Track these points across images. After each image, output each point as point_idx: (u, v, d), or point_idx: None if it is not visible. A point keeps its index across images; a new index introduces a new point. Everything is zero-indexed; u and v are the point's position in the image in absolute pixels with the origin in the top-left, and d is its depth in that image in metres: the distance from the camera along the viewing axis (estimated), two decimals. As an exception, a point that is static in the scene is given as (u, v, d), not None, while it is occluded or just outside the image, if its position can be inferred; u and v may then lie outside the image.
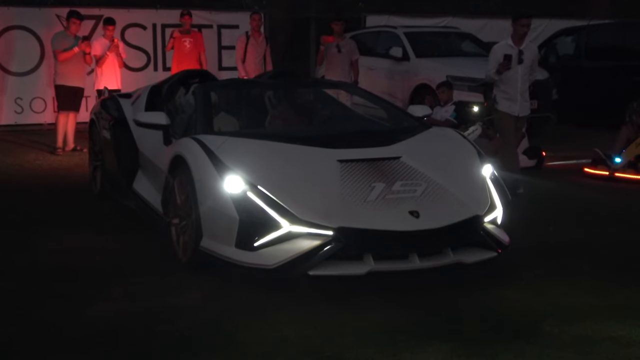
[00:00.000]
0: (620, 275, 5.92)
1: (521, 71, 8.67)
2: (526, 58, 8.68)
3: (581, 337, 4.66)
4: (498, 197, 6.02)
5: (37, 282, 5.76)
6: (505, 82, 8.68)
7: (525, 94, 8.79)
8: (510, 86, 8.67)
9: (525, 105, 8.83)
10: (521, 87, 8.70)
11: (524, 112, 8.87)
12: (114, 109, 8.27)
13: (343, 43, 12.14)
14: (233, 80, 10.37)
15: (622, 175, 9.69)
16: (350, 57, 12.26)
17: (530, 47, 8.91)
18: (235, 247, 5.49)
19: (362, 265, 5.35)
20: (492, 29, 17.16)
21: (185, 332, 4.74)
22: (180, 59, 12.90)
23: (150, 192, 7.16)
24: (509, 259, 6.07)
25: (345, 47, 12.14)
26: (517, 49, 8.67)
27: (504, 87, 8.71)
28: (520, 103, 8.74)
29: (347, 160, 5.89)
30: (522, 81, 8.70)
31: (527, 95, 8.85)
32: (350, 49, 12.26)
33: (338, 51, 12.07)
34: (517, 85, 8.67)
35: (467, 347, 4.51)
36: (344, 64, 12.16)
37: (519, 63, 8.64)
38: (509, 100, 8.73)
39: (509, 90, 8.69)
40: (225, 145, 5.98)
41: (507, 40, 8.82)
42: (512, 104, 8.73)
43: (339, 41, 12.13)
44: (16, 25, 13.97)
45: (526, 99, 8.83)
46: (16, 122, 14.05)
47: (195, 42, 13.18)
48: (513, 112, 8.75)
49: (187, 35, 13.07)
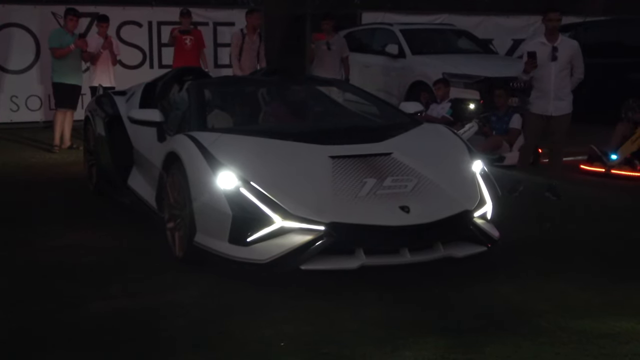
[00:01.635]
0: (617, 271, 5.96)
1: (555, 68, 8.15)
2: (561, 55, 8.16)
3: (579, 334, 4.68)
4: (488, 192, 6.07)
5: (35, 279, 5.79)
6: (539, 80, 8.23)
7: (561, 92, 8.22)
8: (543, 84, 8.22)
9: (559, 104, 8.24)
10: (555, 85, 8.17)
11: (559, 112, 8.26)
12: (109, 106, 8.30)
13: (333, 40, 12.27)
14: (226, 77, 10.40)
15: (618, 172, 9.72)
16: (340, 54, 12.40)
17: (567, 43, 8.33)
18: (229, 242, 5.54)
19: (354, 260, 5.40)
20: (488, 26, 17.22)
21: (183, 329, 4.77)
22: (181, 57, 12.91)
23: (144, 188, 7.19)
24: (505, 256, 6.12)
25: (335, 44, 12.28)
26: (551, 45, 8.19)
27: (538, 85, 8.26)
28: (554, 102, 8.21)
29: (339, 157, 5.93)
30: (556, 79, 8.17)
31: (565, 94, 8.28)
32: (340, 46, 12.39)
33: (328, 48, 12.22)
34: (551, 84, 8.16)
35: (464, 343, 4.55)
36: (334, 61, 12.31)
37: (552, 60, 8.14)
38: (541, 99, 8.27)
39: (542, 89, 8.24)
40: (218, 141, 6.02)
41: (540, 37, 8.42)
42: (545, 103, 8.25)
43: (329, 39, 12.26)
44: (11, 22, 13.92)
45: (561, 98, 8.24)
46: (12, 120, 14.02)
47: (196, 40, 13.22)
48: (545, 112, 8.27)
49: (188, 34, 13.10)
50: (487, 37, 16.38)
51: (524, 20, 17.78)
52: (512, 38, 17.34)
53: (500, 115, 11.15)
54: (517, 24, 17.63)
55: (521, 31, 17.44)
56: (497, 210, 6.08)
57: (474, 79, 12.79)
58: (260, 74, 9.04)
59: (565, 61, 8.20)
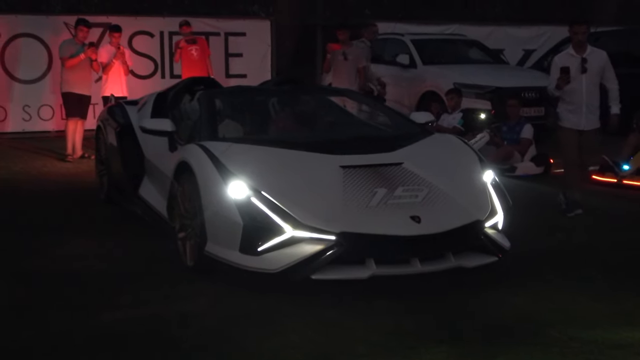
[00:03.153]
0: (629, 281, 5.93)
1: (586, 80, 7.91)
2: (591, 66, 7.91)
3: (590, 344, 4.67)
4: (499, 202, 6.07)
5: (45, 288, 5.80)
6: (570, 94, 7.94)
7: (592, 105, 7.98)
8: (574, 97, 7.94)
9: (591, 118, 8.00)
10: (587, 98, 7.93)
11: (591, 126, 8.01)
12: (120, 116, 8.34)
13: (349, 50, 12.18)
14: (237, 87, 10.42)
15: (630, 182, 9.67)
16: (356, 64, 12.28)
17: (596, 54, 8.05)
18: (240, 252, 5.56)
19: (364, 270, 5.40)
20: (499, 36, 17.21)
21: (192, 338, 4.77)
22: (189, 67, 12.98)
23: (155, 197, 7.20)
24: (516, 265, 6.11)
25: (352, 54, 12.17)
26: (580, 57, 7.95)
27: (568, 99, 7.98)
28: (586, 116, 7.96)
29: (349, 166, 5.94)
30: (587, 91, 7.92)
31: (596, 107, 8.04)
32: (356, 55, 12.27)
33: (344, 58, 12.11)
34: (582, 97, 7.92)
35: (475, 352, 4.54)
36: (351, 71, 12.17)
37: (583, 72, 7.88)
38: (572, 113, 7.99)
39: (573, 102, 7.96)
40: (229, 151, 6.04)
41: (569, 49, 8.15)
42: (577, 117, 7.98)
43: (345, 48, 12.18)
44: (24, 33, 14.02)
45: (593, 112, 8.00)
46: (24, 129, 14.10)
47: (202, 49, 13.28)
48: (577, 126, 8.00)
49: (193, 44, 13.14)
50: (498, 48, 16.39)
51: (535, 30, 17.78)
52: (523, 48, 17.34)
53: (511, 125, 11.13)
54: (528, 34, 17.63)
55: (532, 41, 17.45)
56: (508, 221, 6.07)
57: (485, 89, 12.78)
58: (271, 83, 9.07)
59: (595, 72, 7.97)
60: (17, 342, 4.76)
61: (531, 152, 10.98)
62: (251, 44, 15.71)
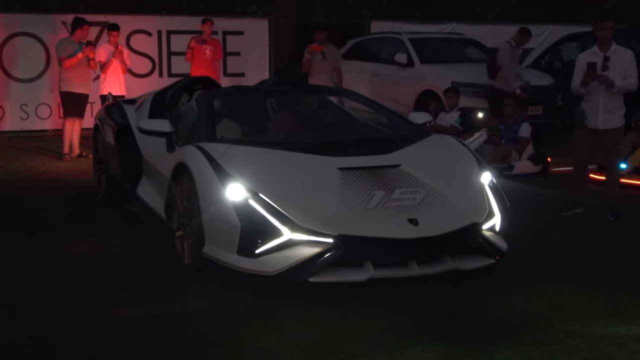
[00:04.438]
0: (626, 281, 5.95)
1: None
2: (613, 65, 7.76)
3: (588, 342, 4.69)
4: (496, 204, 6.07)
5: (44, 288, 5.80)
6: (588, 92, 7.84)
7: (611, 105, 7.84)
8: (592, 95, 7.83)
9: (609, 117, 7.85)
10: (604, 98, 7.80)
11: (608, 125, 7.87)
12: (118, 115, 8.33)
13: (327, 50, 12.83)
14: (235, 87, 10.42)
15: (628, 182, 9.66)
16: (333, 64, 12.97)
17: (620, 52, 7.88)
18: (237, 254, 5.56)
19: (362, 272, 5.41)
20: (497, 35, 17.11)
21: (191, 338, 4.78)
22: (200, 67, 12.98)
23: (153, 198, 7.20)
24: (514, 265, 6.13)
25: (330, 54, 12.85)
26: (603, 55, 7.81)
27: (587, 97, 7.88)
28: (603, 115, 7.83)
29: (347, 168, 5.94)
30: (605, 90, 7.77)
31: (616, 107, 7.89)
32: (333, 55, 12.99)
33: (323, 58, 12.75)
34: (600, 95, 7.79)
35: (473, 351, 4.55)
36: (329, 70, 12.87)
37: (603, 70, 7.72)
38: (590, 111, 7.88)
39: (591, 100, 7.86)
40: (227, 153, 6.04)
41: (594, 47, 7.96)
42: (594, 116, 7.86)
43: (324, 49, 12.79)
44: (21, 31, 13.99)
45: (612, 112, 7.86)
46: (22, 128, 14.09)
47: (215, 49, 13.32)
48: (595, 125, 7.89)
49: (207, 44, 13.17)
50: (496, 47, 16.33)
51: (533, 29, 17.71)
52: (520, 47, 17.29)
53: (509, 124, 11.15)
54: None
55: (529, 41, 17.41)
56: (505, 222, 6.08)
57: (482, 88, 12.78)
58: (269, 83, 9.06)
59: (617, 72, 7.78)
60: (16, 341, 4.76)
61: (529, 151, 10.99)
62: (249, 43, 15.71)
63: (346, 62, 15.36)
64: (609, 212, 8.08)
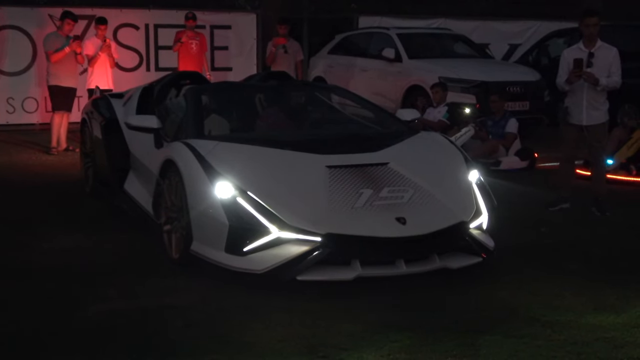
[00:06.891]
0: (612, 275, 5.99)
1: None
2: (597, 61, 7.78)
3: (575, 337, 4.72)
4: (484, 202, 6.09)
5: (31, 281, 5.79)
6: (572, 88, 7.87)
7: (594, 101, 7.85)
8: (576, 92, 7.86)
9: (593, 114, 7.87)
10: (588, 94, 7.81)
11: (592, 121, 7.89)
12: (106, 109, 8.30)
13: (289, 44, 13.23)
14: (224, 83, 10.41)
15: (614, 177, 9.71)
16: (295, 58, 13.35)
17: (605, 49, 7.90)
18: (225, 252, 5.57)
19: (350, 271, 5.42)
20: (485, 31, 17.25)
21: (181, 332, 4.79)
22: (187, 61, 13.01)
23: (141, 193, 7.19)
24: (501, 260, 6.15)
25: (291, 48, 13.26)
26: (587, 51, 7.83)
27: (571, 93, 7.91)
28: (587, 111, 7.85)
29: (335, 166, 5.94)
30: (589, 87, 7.78)
31: (600, 103, 7.91)
32: (295, 50, 13.40)
33: (285, 52, 13.17)
34: (583, 92, 7.81)
35: (461, 347, 4.57)
36: (290, 64, 13.21)
37: (587, 67, 7.73)
38: (574, 107, 7.90)
39: (575, 96, 7.88)
40: (215, 150, 6.03)
41: (579, 43, 7.98)
42: (578, 113, 7.88)
43: (285, 42, 13.22)
44: (8, 25, 13.92)
45: (596, 107, 7.88)
46: (8, 121, 14.03)
47: (201, 44, 13.34)
48: (579, 121, 7.91)
49: (194, 38, 13.19)
50: (484, 42, 16.41)
51: (520, 25, 17.84)
52: (508, 43, 17.39)
53: (496, 119, 11.18)
54: (514, 29, 17.70)
55: (517, 36, 17.51)
56: (492, 221, 6.11)
57: (470, 83, 12.81)
58: (258, 79, 9.05)
59: (601, 69, 7.79)
60: (2, 336, 4.75)
61: (516, 147, 11.03)
62: (237, 38, 15.70)
63: (334, 57, 15.42)
64: (595, 208, 8.12)
